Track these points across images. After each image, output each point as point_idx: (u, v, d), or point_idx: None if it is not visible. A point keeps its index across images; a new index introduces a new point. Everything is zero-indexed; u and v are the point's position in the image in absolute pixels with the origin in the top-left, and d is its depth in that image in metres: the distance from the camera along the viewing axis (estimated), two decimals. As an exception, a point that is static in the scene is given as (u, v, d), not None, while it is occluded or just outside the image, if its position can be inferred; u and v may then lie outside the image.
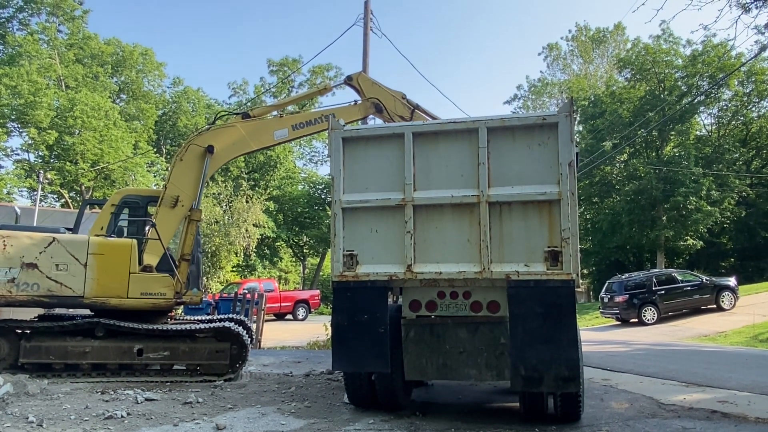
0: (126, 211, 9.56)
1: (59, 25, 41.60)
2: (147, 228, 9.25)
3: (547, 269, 5.86)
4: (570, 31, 54.00)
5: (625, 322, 23.52)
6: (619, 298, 23.22)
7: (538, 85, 55.15)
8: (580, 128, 41.10)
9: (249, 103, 48.25)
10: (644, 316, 22.44)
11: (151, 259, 9.04)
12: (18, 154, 37.58)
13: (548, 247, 5.91)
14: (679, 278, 23.57)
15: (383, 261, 6.39)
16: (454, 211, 6.27)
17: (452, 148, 6.39)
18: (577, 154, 6.77)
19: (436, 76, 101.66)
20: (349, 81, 10.66)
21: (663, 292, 22.77)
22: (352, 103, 10.50)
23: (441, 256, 6.22)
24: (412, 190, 6.34)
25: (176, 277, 9.03)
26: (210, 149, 9.55)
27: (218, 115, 11.25)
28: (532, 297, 5.83)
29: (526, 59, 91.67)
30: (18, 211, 8.50)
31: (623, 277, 24.96)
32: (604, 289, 25.14)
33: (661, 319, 22.36)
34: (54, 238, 8.67)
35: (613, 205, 38.67)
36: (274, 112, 10.63)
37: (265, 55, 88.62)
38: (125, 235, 9.31)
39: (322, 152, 51.71)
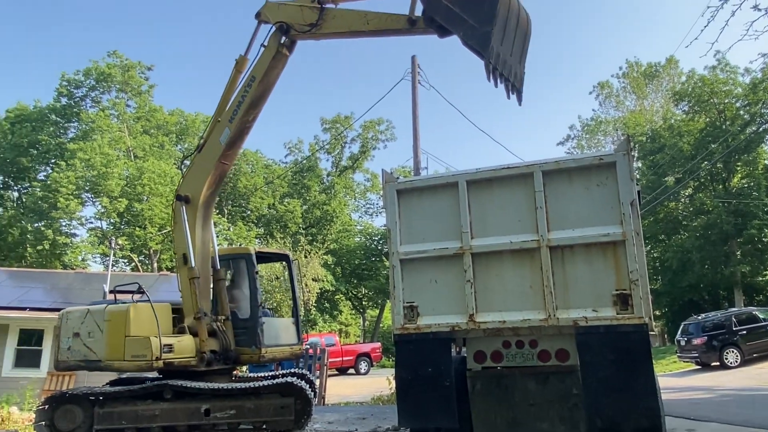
0: None
1: (128, 100, 44.64)
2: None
3: (617, 313, 5.63)
4: (621, 68, 53.35)
5: (705, 366, 22.07)
6: (697, 341, 21.89)
7: (591, 123, 54.41)
8: (639, 164, 40.03)
9: (304, 161, 49.77)
10: (726, 358, 21.01)
11: (188, 320, 9.20)
12: (91, 223, 39.93)
13: (616, 290, 5.69)
14: (762, 317, 22.02)
15: (444, 311, 6.31)
16: (514, 258, 6.16)
17: (507, 193, 6.36)
18: (638, 192, 6.57)
19: (487, 122, 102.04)
20: (258, 17, 9.19)
21: (745, 332, 21.30)
22: (263, 49, 9.05)
23: (503, 304, 6.09)
24: (469, 237, 6.30)
25: (198, 338, 9.00)
26: (179, 198, 9.51)
27: (181, 165, 10.51)
28: (603, 344, 5.59)
29: (577, 99, 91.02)
30: (106, 289, 9.17)
31: (700, 317, 23.60)
32: (680, 332, 23.79)
33: (746, 362, 20.84)
34: (88, 310, 9.38)
35: (681, 242, 37.00)
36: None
37: (319, 112, 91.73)
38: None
39: (377, 204, 52.37)
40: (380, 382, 17.29)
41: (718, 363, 21.27)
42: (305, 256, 36.37)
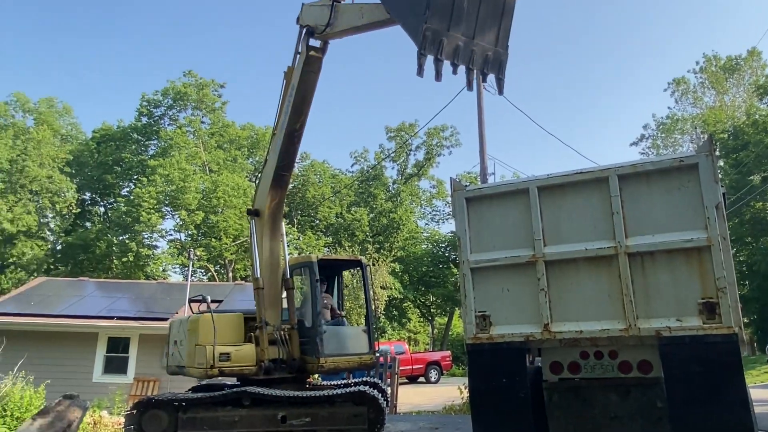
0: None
1: (202, 117, 46.70)
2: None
3: (704, 323, 5.33)
4: (697, 62, 50.75)
5: (803, 378, 20.54)
6: (792, 350, 20.43)
7: (667, 122, 51.99)
8: (722, 163, 37.83)
9: (370, 170, 50.27)
10: (827, 369, 19.48)
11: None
12: (171, 235, 41.95)
13: (702, 298, 5.39)
14: None
15: (518, 321, 6.19)
16: (590, 265, 5.97)
17: (581, 199, 6.17)
18: (723, 194, 6.21)
19: (555, 123, 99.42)
20: (298, 22, 9.33)
21: None
22: (298, 55, 9.20)
23: (580, 314, 5.90)
24: (542, 245, 6.15)
25: (259, 347, 9.17)
26: (249, 212, 9.80)
27: (253, 178, 10.61)
28: (689, 355, 5.30)
29: (649, 98, 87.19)
30: (208, 299, 9.71)
31: (794, 325, 22.01)
32: (771, 340, 22.29)
33: None
34: (181, 320, 9.99)
35: (770, 245, 34.66)
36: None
37: (383, 121, 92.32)
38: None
39: (443, 210, 52.12)
40: (451, 391, 17.11)
41: (817, 374, 19.75)
42: (373, 264, 36.64)
